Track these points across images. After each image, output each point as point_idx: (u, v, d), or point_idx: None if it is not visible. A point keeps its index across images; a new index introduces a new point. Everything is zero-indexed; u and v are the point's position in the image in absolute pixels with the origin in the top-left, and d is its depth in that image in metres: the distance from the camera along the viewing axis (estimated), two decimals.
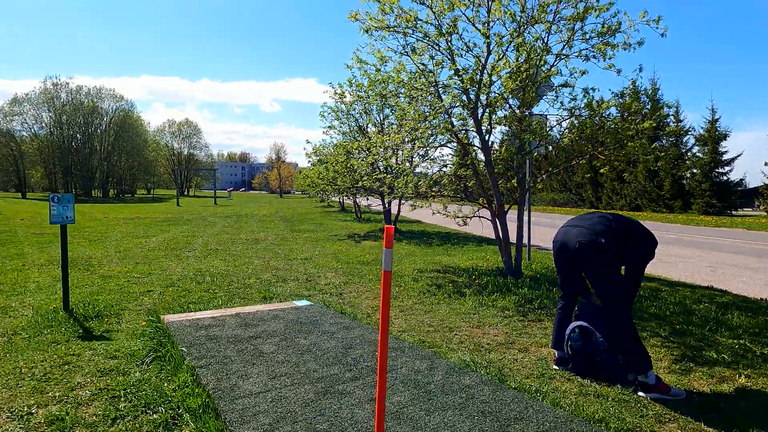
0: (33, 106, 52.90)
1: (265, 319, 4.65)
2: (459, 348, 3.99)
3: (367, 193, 15.16)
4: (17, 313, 4.89)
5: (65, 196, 4.85)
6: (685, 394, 3.13)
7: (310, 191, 23.53)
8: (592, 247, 3.26)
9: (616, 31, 5.94)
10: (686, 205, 28.18)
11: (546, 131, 6.95)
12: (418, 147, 7.67)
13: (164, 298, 5.61)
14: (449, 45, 6.39)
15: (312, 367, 3.40)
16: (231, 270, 7.60)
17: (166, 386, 3.11)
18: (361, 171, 11.52)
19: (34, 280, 6.55)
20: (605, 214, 3.52)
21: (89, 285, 6.29)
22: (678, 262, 9.19)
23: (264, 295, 5.87)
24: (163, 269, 7.57)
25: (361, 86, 9.58)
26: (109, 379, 3.23)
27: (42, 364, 3.48)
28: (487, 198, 7.14)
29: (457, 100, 6.69)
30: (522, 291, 6.00)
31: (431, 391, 3.04)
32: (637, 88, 6.54)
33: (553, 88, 6.74)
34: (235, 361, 3.50)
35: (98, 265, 7.90)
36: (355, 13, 6.46)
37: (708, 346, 4.10)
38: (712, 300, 5.81)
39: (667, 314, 5.11)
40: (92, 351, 3.78)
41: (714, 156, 27.32)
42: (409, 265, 8.34)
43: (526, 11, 6.17)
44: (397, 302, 5.61)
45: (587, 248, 3.27)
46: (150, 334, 4.13)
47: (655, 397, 3.06)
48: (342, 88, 12.97)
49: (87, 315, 4.75)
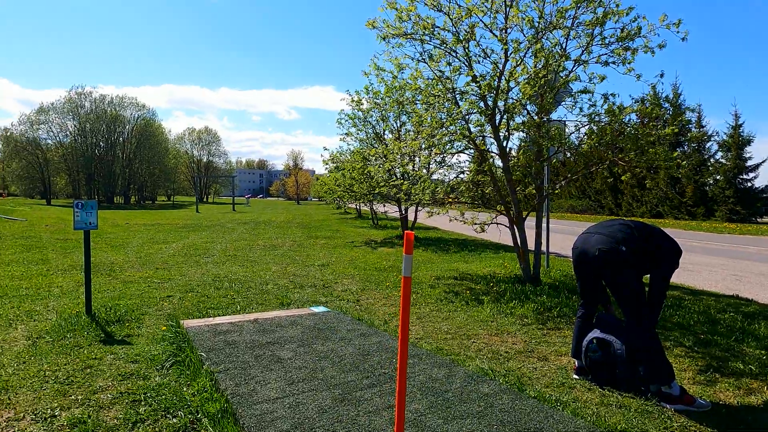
0: (58, 115, 54.35)
1: (282, 324, 4.67)
2: (477, 356, 3.95)
3: (384, 199, 15.18)
4: (42, 317, 4.99)
5: (89, 202, 4.95)
6: (710, 405, 3.05)
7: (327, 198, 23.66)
8: (613, 255, 3.20)
9: (635, 36, 5.88)
10: (709, 213, 27.57)
11: (564, 137, 6.89)
12: (435, 153, 7.66)
13: (183, 304, 5.68)
14: (466, 51, 6.39)
15: (329, 374, 3.40)
16: (249, 276, 7.66)
17: (186, 391, 3.14)
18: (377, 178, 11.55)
19: (58, 285, 6.68)
20: (627, 221, 3.46)
21: (111, 290, 6.40)
22: (702, 271, 8.98)
23: (281, 301, 5.90)
24: (183, 275, 7.67)
25: (378, 93, 9.63)
26: (130, 383, 3.28)
27: (65, 368, 3.54)
28: (504, 205, 7.09)
29: (474, 106, 6.67)
30: (541, 298, 5.93)
31: (449, 399, 3.01)
32: (658, 93, 6.46)
33: (571, 93, 6.68)
34: (253, 366, 3.52)
35: (120, 270, 8.04)
36: (372, 21, 6.51)
37: (734, 357, 3.99)
38: (737, 309, 5.67)
39: (690, 324, 4.99)
40: (113, 355, 3.84)
41: (738, 162, 26.71)
42: (426, 272, 8.31)
43: (544, 17, 6.15)
44: (414, 309, 5.58)
45: (607, 256, 3.21)
46: (170, 339, 4.18)
47: (680, 409, 2.99)
48: (359, 96, 13.04)
49: (109, 319, 4.82)
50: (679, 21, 5.67)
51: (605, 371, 3.34)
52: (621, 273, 3.21)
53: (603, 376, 3.35)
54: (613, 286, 3.29)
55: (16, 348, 3.99)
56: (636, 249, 3.22)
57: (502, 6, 6.11)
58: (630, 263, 3.20)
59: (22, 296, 5.91)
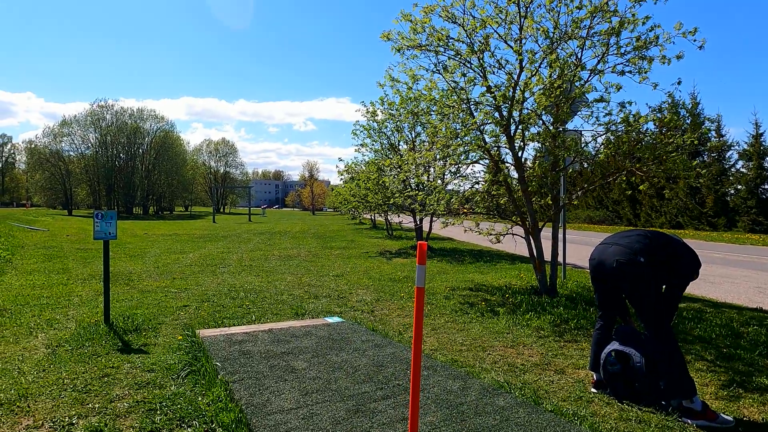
0: (81, 127, 55.68)
1: (297, 335, 4.68)
2: (492, 368, 3.91)
3: (399, 210, 15.19)
4: (61, 325, 5.07)
5: (108, 212, 5.04)
6: (734, 421, 2.96)
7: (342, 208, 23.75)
8: (631, 266, 3.15)
9: (651, 45, 5.83)
10: (731, 223, 27.01)
11: (581, 147, 6.83)
12: (450, 164, 7.66)
13: (200, 313, 5.73)
14: (481, 62, 6.40)
15: (343, 385, 3.39)
16: (264, 286, 7.70)
17: (201, 400, 3.15)
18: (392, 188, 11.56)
19: (77, 294, 6.79)
20: (644, 231, 3.41)
21: (129, 299, 6.48)
22: (723, 282, 8.78)
23: (296, 311, 5.91)
24: (199, 284, 7.74)
25: (393, 104, 9.69)
26: (146, 392, 3.30)
27: (83, 376, 3.59)
28: (520, 215, 7.04)
29: (489, 117, 6.66)
30: (557, 310, 5.85)
31: (464, 412, 2.98)
32: (676, 101, 6.37)
33: (587, 103, 6.64)
34: (268, 376, 3.53)
35: (138, 279, 8.14)
36: (387, 33, 6.56)
37: (758, 372, 3.88)
38: (761, 323, 5.52)
39: (712, 337, 4.88)
40: (130, 364, 3.88)
41: (759, 171, 26.17)
42: (441, 282, 8.26)
43: (559, 27, 6.14)
44: (429, 320, 5.55)
45: (625, 267, 3.16)
46: (186, 348, 4.21)
47: (702, 425, 2.91)
48: (374, 107, 13.13)
49: (126, 328, 4.88)
50: (695, 29, 5.61)
51: (624, 385, 3.27)
52: (640, 284, 3.16)
53: (622, 389, 3.28)
54: (632, 297, 3.23)
55: (36, 356, 4.06)
56: (654, 259, 3.16)
57: (517, 17, 6.12)
58: (649, 274, 3.14)
59: (43, 305, 6.02)
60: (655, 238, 3.29)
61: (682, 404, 3.02)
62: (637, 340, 3.30)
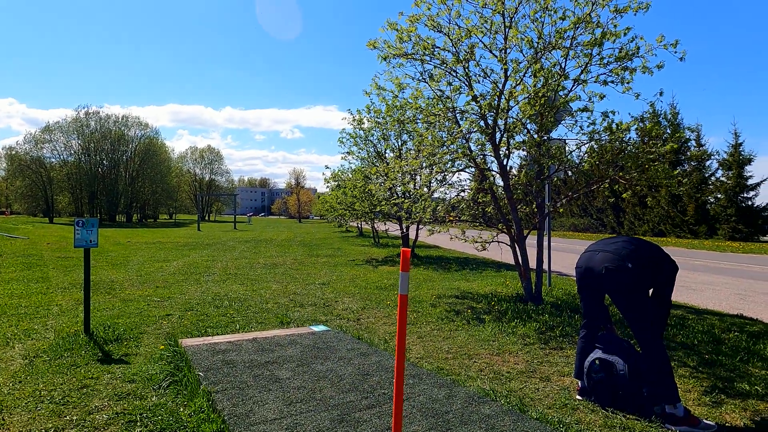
0: (63, 134, 54.84)
1: (281, 344, 4.63)
2: (478, 376, 3.90)
3: (385, 217, 15.20)
4: (39, 335, 4.96)
5: (90, 220, 4.95)
6: (716, 427, 2.99)
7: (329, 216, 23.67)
8: (620, 272, 3.17)
9: (633, 56, 5.93)
10: (711, 231, 27.50)
11: (565, 156, 6.91)
12: (436, 172, 7.69)
13: (183, 322, 5.64)
14: (466, 71, 6.46)
15: (328, 394, 3.35)
16: (249, 294, 7.62)
17: (182, 411, 3.09)
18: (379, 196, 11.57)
19: (57, 303, 6.65)
20: (628, 237, 3.45)
21: (110, 308, 6.36)
22: (705, 289, 8.91)
23: (281, 319, 5.85)
24: (183, 293, 7.64)
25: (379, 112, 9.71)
26: (126, 404, 3.23)
27: (61, 387, 3.50)
28: (506, 223, 7.08)
29: (474, 125, 6.71)
30: (543, 318, 5.87)
31: (450, 420, 2.96)
32: (657, 111, 6.49)
33: (571, 112, 6.72)
34: (251, 386, 3.47)
35: (119, 288, 8.01)
36: (373, 42, 6.59)
37: (740, 378, 3.93)
38: (742, 329, 5.60)
39: (695, 343, 4.93)
40: (110, 374, 3.79)
41: (739, 180, 26.73)
42: (427, 290, 8.26)
43: (543, 37, 6.22)
44: (414, 328, 5.53)
45: (614, 274, 3.19)
46: (168, 358, 4.14)
47: (685, 430, 2.93)
48: (360, 115, 13.15)
49: (107, 338, 4.79)
50: (677, 41, 5.73)
51: (608, 392, 3.28)
52: (631, 291, 3.18)
53: (606, 396, 3.29)
54: (621, 303, 3.25)
55: (13, 367, 3.95)
56: (642, 264, 3.20)
57: (502, 27, 6.19)
58: (638, 279, 3.17)
59: (21, 315, 5.88)
60: (639, 245, 3.33)
61: (665, 410, 3.04)
62: (620, 347, 3.33)
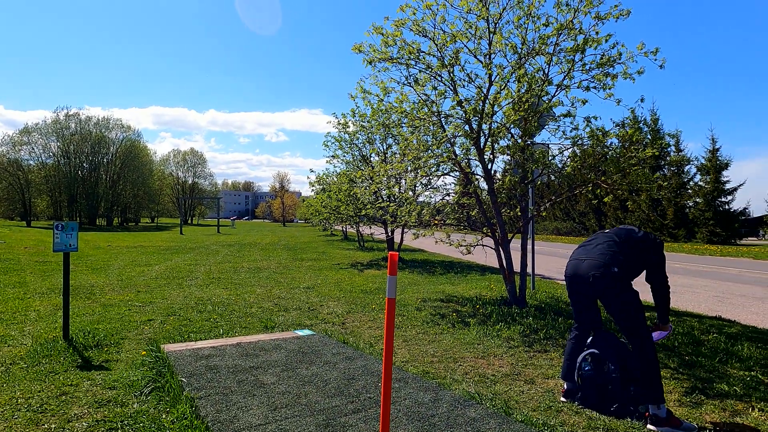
0: (42, 136, 53.66)
1: (266, 348, 4.58)
2: (464, 379, 3.91)
3: (370, 221, 15.18)
4: (16, 342, 4.84)
5: (69, 223, 4.86)
6: (696, 428, 3.04)
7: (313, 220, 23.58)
8: (607, 279, 3.23)
9: (615, 62, 6.03)
10: (690, 234, 28.05)
11: (548, 160, 6.99)
12: (421, 176, 7.71)
13: (165, 327, 5.56)
14: (451, 76, 6.50)
15: (313, 399, 3.33)
16: (233, 299, 7.55)
17: (165, 418, 3.04)
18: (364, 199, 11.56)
19: (35, 309, 6.50)
20: (607, 232, 3.53)
21: (90, 313, 6.24)
22: (684, 292, 9.08)
23: (265, 324, 5.80)
24: (165, 298, 7.53)
25: (364, 116, 9.73)
26: (107, 411, 3.17)
27: (39, 395, 3.42)
28: (490, 227, 7.13)
29: (459, 129, 6.75)
30: (527, 321, 5.92)
31: (435, 424, 2.96)
32: (638, 117, 6.61)
33: (554, 117, 6.80)
34: (235, 391, 3.43)
35: (100, 293, 7.86)
36: (359, 46, 6.59)
37: (719, 378, 4.00)
38: (720, 330, 5.71)
39: (675, 345, 5.02)
40: (90, 381, 3.72)
41: (716, 185, 27.35)
42: (412, 294, 8.26)
43: (526, 43, 6.29)
44: (400, 332, 5.53)
45: (602, 281, 3.25)
46: (149, 364, 4.07)
47: (666, 431, 2.97)
48: (345, 118, 13.15)
49: (87, 344, 4.69)
50: (657, 49, 5.83)
51: (595, 389, 3.32)
52: (619, 295, 3.23)
53: (593, 394, 3.33)
54: (613, 308, 3.29)
55: None
56: (626, 260, 3.26)
57: (486, 32, 6.24)
58: (626, 281, 3.23)
59: None
60: (618, 236, 3.42)
61: (648, 411, 3.08)
62: (610, 348, 3.37)
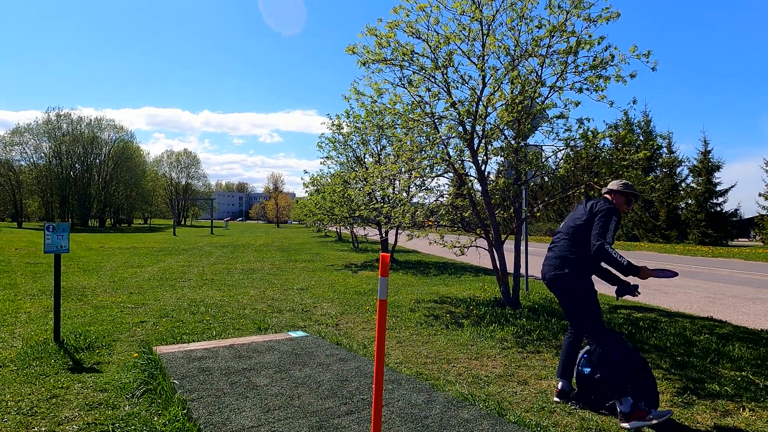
0: (33, 137, 53.25)
1: (259, 350, 4.57)
2: (457, 380, 3.91)
3: (365, 222, 15.17)
4: (6, 344, 4.79)
5: (60, 225, 4.82)
6: (671, 411, 3.02)
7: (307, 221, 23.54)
8: (559, 280, 3.29)
9: (607, 65, 6.07)
10: (682, 235, 28.25)
11: (542, 161, 7.02)
12: (415, 177, 7.71)
13: (157, 329, 5.52)
14: (445, 77, 6.51)
15: (306, 401, 3.32)
16: (226, 300, 7.51)
17: (156, 420, 3.02)
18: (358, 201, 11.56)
19: (25, 311, 6.44)
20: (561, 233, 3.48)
21: (81, 315, 6.19)
22: (676, 293, 9.13)
23: (259, 325, 5.78)
24: (157, 299, 7.48)
25: (358, 117, 9.72)
26: (98, 414, 3.14)
27: (29, 398, 3.39)
28: (484, 228, 7.14)
29: (453, 131, 6.76)
30: (520, 322, 5.94)
31: (429, 425, 2.96)
32: (630, 119, 6.64)
33: (548, 119, 6.83)
34: (228, 393, 3.42)
35: (92, 295, 7.80)
36: (352, 47, 6.59)
37: (710, 379, 4.03)
38: (712, 331, 5.75)
39: (667, 345, 5.05)
40: (81, 384, 3.69)
41: (708, 187, 27.58)
42: (406, 295, 8.27)
43: (520, 45, 6.32)
44: (393, 333, 5.53)
45: (555, 282, 3.33)
46: (141, 366, 4.04)
47: (637, 425, 2.95)
48: (339, 119, 13.14)
49: (78, 346, 4.65)
50: (649, 52, 5.87)
51: (592, 387, 3.33)
52: (574, 295, 3.29)
53: (590, 393, 3.34)
54: (569, 309, 3.37)
55: None
56: (578, 258, 3.27)
57: (479, 34, 6.26)
58: (581, 283, 3.26)
59: None
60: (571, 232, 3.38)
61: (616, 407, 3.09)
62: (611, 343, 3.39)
